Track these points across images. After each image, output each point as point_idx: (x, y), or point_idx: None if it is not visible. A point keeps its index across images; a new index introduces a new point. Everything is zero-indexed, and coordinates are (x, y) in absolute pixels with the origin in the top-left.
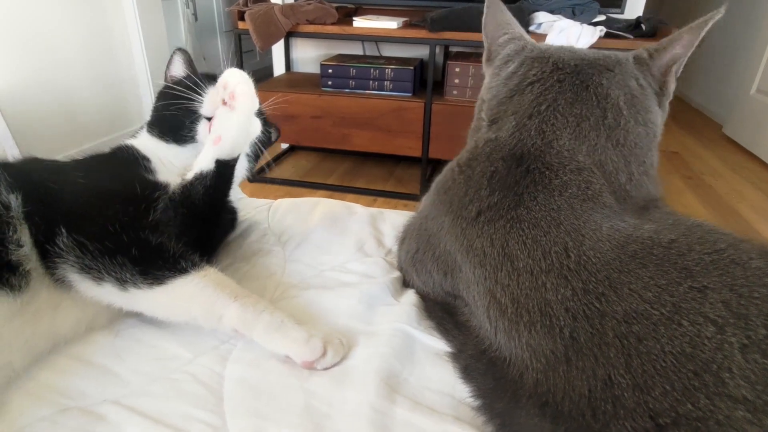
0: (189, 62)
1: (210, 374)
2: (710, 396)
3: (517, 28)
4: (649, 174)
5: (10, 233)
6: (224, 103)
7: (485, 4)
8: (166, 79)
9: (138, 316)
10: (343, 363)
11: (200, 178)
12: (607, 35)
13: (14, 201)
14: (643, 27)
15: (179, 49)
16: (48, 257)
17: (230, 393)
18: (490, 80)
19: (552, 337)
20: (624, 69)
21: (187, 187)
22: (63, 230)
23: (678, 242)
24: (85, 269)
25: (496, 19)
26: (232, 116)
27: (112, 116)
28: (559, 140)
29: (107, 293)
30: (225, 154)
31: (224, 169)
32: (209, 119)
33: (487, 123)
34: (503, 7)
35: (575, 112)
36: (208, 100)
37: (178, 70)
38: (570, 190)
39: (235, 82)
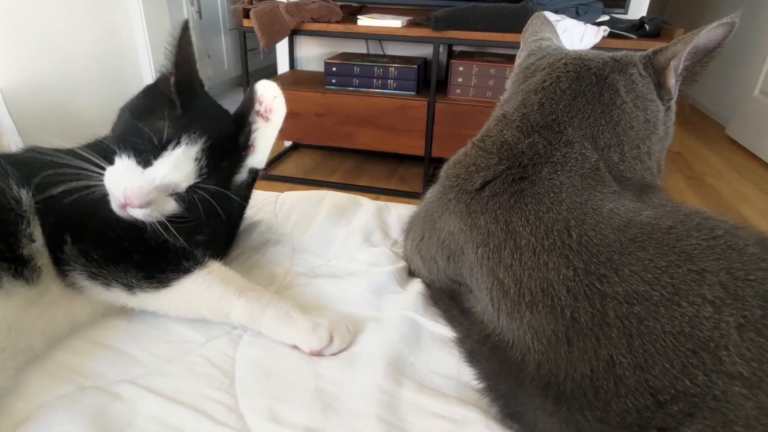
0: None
1: (222, 357)
2: (708, 373)
3: (552, 35)
4: (642, 160)
5: (23, 226)
6: (258, 114)
7: (531, 17)
8: None
9: None
10: (352, 348)
11: (238, 188)
12: (611, 35)
13: (24, 195)
14: (647, 27)
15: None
16: (59, 264)
17: (242, 375)
18: (513, 74)
19: (553, 318)
20: (628, 60)
21: None
22: (68, 238)
23: (676, 228)
24: (93, 276)
25: (535, 27)
26: (269, 127)
27: (116, 113)
28: (555, 113)
29: (117, 297)
30: (258, 163)
31: (255, 177)
32: None
33: (501, 104)
34: (548, 21)
35: (574, 88)
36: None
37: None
38: (569, 164)
39: (272, 97)
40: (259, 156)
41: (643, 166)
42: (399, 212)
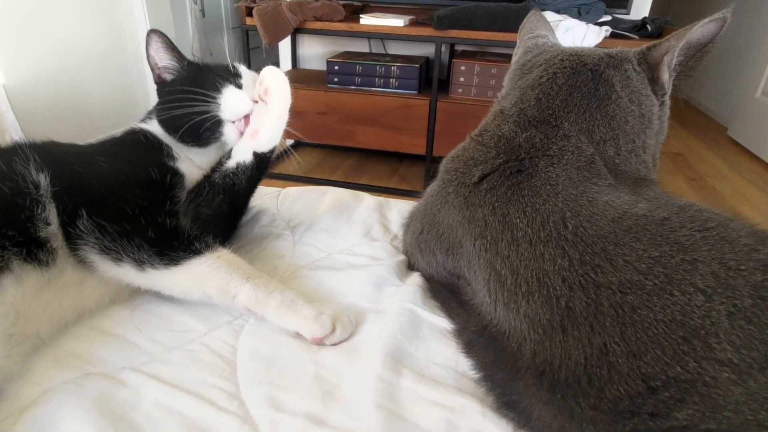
0: (170, 46)
1: (224, 346)
2: (698, 360)
3: (548, 33)
4: (637, 154)
5: (39, 211)
6: (260, 98)
7: (528, 14)
8: (151, 65)
9: (154, 293)
10: (352, 339)
11: (243, 168)
12: (613, 35)
13: (43, 180)
14: (649, 28)
15: (154, 32)
16: (70, 239)
17: (243, 363)
18: (510, 71)
19: (549, 307)
20: (623, 56)
21: (230, 176)
22: (84, 212)
23: (670, 220)
24: (105, 250)
25: (531, 25)
26: (267, 111)
27: (120, 110)
28: (552, 108)
29: (126, 273)
30: (262, 147)
31: (262, 160)
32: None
33: (498, 100)
34: (544, 18)
35: (570, 83)
36: (230, 105)
37: (162, 56)
38: (565, 157)
39: (269, 79)
40: (262, 141)
41: (638, 159)
42: (399, 207)
